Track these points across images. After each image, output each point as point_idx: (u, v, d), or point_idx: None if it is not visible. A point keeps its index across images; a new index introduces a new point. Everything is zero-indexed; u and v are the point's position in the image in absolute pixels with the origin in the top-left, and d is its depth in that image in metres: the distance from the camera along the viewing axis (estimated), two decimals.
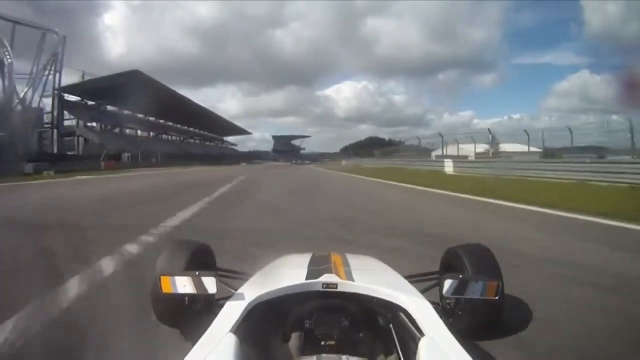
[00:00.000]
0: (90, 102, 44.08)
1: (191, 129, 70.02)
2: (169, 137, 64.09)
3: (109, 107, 48.07)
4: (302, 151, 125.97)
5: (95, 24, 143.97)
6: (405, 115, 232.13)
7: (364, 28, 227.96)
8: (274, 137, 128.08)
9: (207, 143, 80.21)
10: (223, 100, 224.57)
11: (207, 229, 4.75)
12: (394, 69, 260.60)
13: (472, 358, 0.85)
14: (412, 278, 1.62)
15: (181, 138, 67.56)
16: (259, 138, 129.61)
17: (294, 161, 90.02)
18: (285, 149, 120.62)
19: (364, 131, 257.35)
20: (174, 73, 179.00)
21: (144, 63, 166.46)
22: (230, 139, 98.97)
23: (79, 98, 42.25)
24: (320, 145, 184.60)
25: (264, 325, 1.16)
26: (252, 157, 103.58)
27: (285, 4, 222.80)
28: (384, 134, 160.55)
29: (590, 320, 2.08)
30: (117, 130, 48.75)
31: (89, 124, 43.61)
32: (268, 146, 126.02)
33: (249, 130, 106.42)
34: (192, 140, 71.54)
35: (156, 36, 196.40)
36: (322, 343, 1.08)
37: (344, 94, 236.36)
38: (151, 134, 57.31)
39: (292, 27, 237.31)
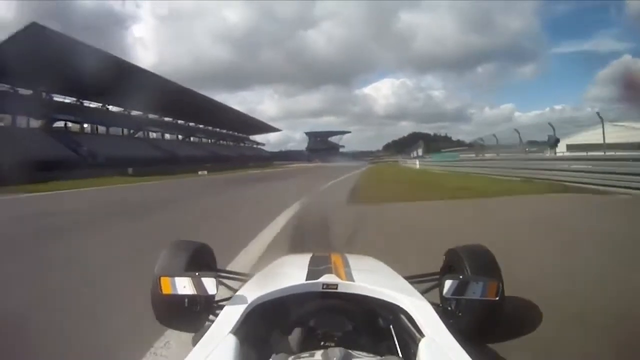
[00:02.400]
0: None
1: (191, 125, 56.07)
2: (162, 135, 50.25)
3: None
4: (341, 149, 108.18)
5: (125, 37, 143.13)
6: (446, 110, 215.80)
7: (398, 23, 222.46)
8: (308, 134, 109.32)
9: (222, 142, 66.42)
10: (261, 103, 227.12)
11: None
12: (432, 64, 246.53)
13: (472, 359, 0.83)
14: (413, 279, 1.59)
15: (180, 137, 54.06)
16: (300, 138, 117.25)
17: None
18: (321, 147, 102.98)
19: (405, 128, 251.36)
20: (210, 79, 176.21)
21: (178, 72, 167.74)
22: (262, 137, 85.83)
23: None
24: (360, 144, 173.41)
25: (264, 326, 1.14)
26: (283, 157, 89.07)
27: (316, 4, 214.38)
28: (426, 129, 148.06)
29: None
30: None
31: None
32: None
33: (279, 127, 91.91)
34: (194, 139, 57.49)
35: (189, 44, 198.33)
36: (322, 344, 1.05)
37: (383, 91, 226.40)
38: (131, 132, 44.24)
39: (324, 26, 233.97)
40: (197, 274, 1.18)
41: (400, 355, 1.01)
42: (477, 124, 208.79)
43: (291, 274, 1.32)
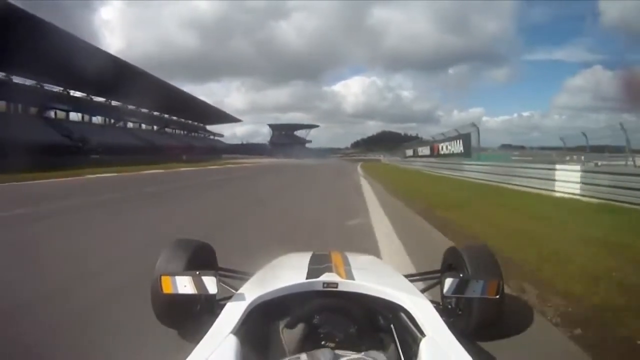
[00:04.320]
0: None
1: (130, 108, 47.88)
2: (83, 117, 42.41)
3: None
4: (307, 144, 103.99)
5: (92, 20, 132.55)
6: (415, 111, 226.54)
7: (371, 20, 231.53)
8: (271, 126, 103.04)
9: (167, 130, 60.06)
10: (228, 95, 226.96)
11: None
12: (403, 63, 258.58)
13: (473, 358, 0.83)
14: (413, 277, 1.67)
15: (111, 120, 47.28)
16: (267, 132, 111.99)
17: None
18: (286, 141, 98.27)
19: (372, 127, 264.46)
20: (177, 68, 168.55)
21: (144, 58, 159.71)
22: (229, 129, 79.56)
23: None
24: (328, 141, 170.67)
25: (265, 325, 1.15)
26: (243, 150, 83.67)
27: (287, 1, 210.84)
28: (394, 130, 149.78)
29: None
30: None
31: None
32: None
33: (242, 119, 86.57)
34: (133, 125, 50.35)
35: (156, 31, 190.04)
36: (323, 343, 1.05)
37: (352, 89, 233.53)
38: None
39: (296, 19, 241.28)
40: (197, 272, 1.20)
41: (401, 354, 1.02)
42: (446, 126, 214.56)
43: (292, 272, 1.33)
